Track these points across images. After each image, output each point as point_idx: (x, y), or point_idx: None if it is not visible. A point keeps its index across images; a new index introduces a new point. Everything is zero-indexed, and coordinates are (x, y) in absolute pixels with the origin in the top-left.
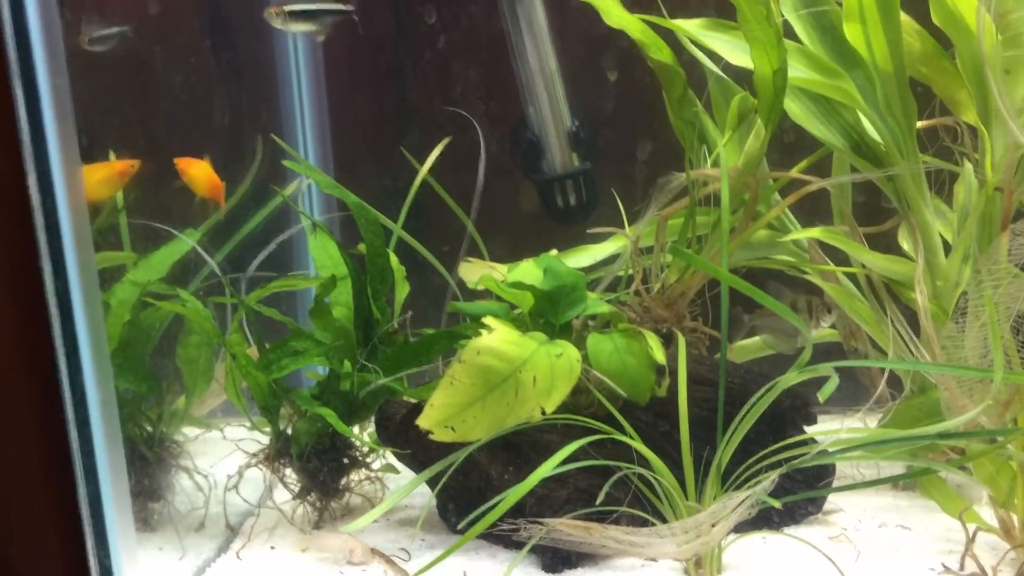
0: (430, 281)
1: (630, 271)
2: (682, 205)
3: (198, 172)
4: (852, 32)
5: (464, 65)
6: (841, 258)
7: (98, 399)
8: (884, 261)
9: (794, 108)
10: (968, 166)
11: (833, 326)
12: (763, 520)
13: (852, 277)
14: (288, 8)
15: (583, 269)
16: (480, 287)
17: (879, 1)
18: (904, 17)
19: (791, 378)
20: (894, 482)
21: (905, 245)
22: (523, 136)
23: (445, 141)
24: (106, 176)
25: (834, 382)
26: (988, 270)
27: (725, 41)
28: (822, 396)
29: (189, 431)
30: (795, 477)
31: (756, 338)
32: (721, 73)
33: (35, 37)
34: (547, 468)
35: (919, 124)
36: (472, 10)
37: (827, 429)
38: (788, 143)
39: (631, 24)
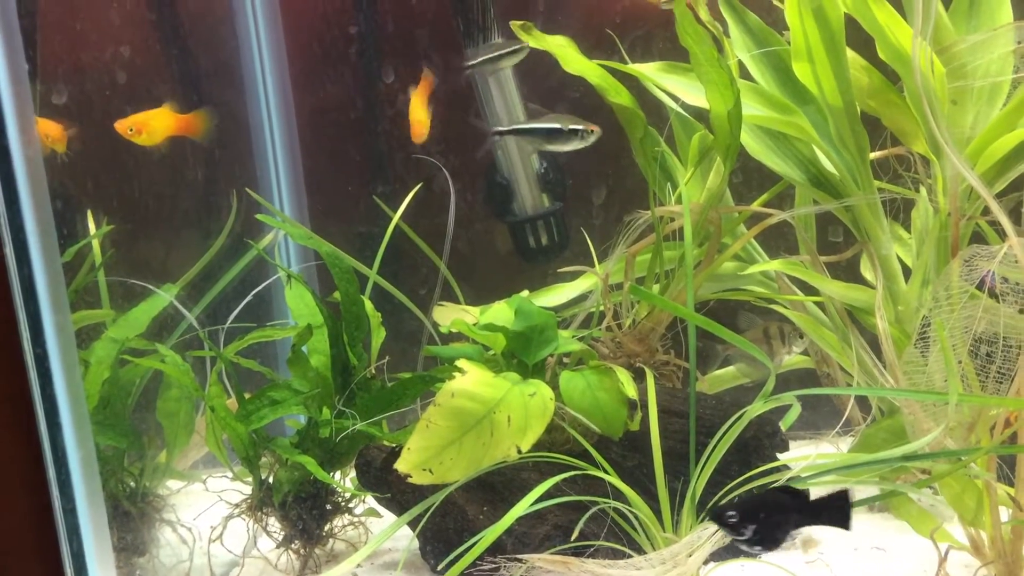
0: (408, 324)
1: (602, 307)
2: (650, 241)
3: (157, 123)
4: (801, 70)
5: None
6: (811, 287)
7: (79, 458)
8: (844, 289)
9: (752, 144)
10: (923, 193)
11: (806, 352)
12: (737, 548)
13: (822, 305)
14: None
15: (556, 307)
16: (453, 330)
17: (825, 40)
18: (851, 54)
19: (757, 408)
20: (868, 504)
21: (868, 274)
22: (493, 180)
23: (417, 188)
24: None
25: (796, 411)
26: (942, 295)
27: (681, 83)
28: (784, 425)
29: (172, 484)
30: None
31: (730, 367)
32: (682, 111)
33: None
34: (522, 506)
35: (873, 155)
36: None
37: (800, 455)
38: (735, 183)
39: (590, 70)
